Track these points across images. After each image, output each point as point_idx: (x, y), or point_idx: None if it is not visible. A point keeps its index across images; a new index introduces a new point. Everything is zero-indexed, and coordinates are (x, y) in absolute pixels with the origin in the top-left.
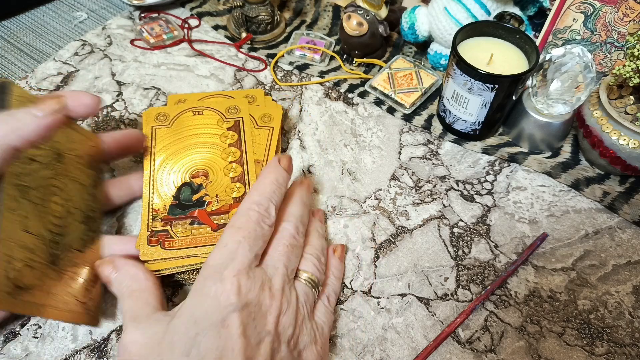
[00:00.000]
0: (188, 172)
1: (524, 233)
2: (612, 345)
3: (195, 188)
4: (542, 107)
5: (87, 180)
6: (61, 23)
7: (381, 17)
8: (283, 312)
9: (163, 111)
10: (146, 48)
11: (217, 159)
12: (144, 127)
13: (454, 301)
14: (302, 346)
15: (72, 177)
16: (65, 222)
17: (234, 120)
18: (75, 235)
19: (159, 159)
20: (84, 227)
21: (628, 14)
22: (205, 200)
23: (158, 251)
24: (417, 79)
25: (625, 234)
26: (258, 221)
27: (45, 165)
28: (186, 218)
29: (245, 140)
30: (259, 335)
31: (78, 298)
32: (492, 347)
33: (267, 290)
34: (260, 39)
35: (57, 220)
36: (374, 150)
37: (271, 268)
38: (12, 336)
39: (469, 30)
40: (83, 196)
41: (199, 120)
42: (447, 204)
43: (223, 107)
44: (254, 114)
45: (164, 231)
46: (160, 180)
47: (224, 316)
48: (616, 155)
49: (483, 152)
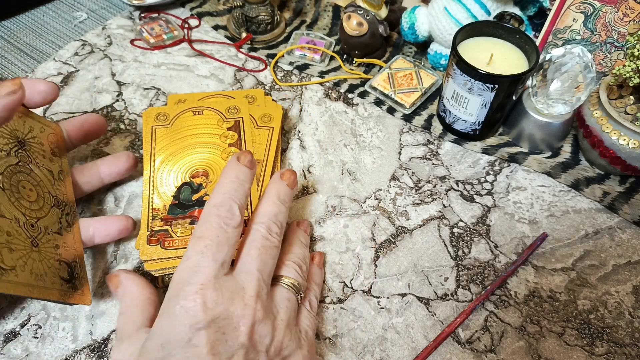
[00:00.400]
0: (188, 172)
1: (524, 233)
2: (612, 345)
3: (195, 188)
4: (542, 107)
5: (53, 166)
6: (61, 23)
7: (381, 17)
8: (258, 321)
9: (163, 111)
10: (146, 48)
11: (217, 158)
12: (144, 126)
13: (454, 301)
14: (287, 352)
15: (36, 164)
16: (38, 205)
17: (234, 120)
18: (51, 220)
19: (158, 159)
20: (58, 210)
21: (628, 14)
22: (205, 200)
23: (158, 251)
24: (417, 79)
25: (625, 234)
26: (220, 225)
27: (7, 152)
28: (186, 218)
29: (246, 140)
30: (230, 350)
31: (64, 277)
32: (492, 347)
33: (238, 299)
34: (260, 39)
35: (30, 205)
36: (374, 151)
37: (244, 274)
38: (12, 336)
39: (469, 30)
40: (51, 182)
41: (199, 120)
42: (447, 204)
43: (223, 107)
44: (254, 114)
45: (163, 231)
46: (160, 180)
47: (190, 336)
48: (616, 155)
49: (483, 152)
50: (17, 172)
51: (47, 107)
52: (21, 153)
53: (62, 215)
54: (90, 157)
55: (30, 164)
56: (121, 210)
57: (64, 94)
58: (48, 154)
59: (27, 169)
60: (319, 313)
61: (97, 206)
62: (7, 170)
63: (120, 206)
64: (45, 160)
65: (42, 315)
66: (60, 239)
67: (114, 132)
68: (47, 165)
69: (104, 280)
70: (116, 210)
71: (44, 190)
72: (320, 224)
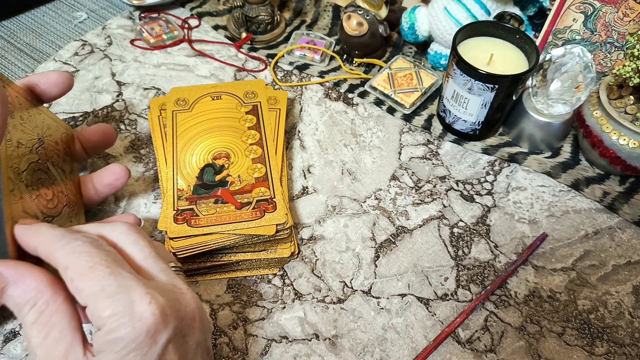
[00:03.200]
0: (210, 153)
1: (524, 233)
2: (612, 345)
3: (217, 169)
4: (542, 107)
5: (65, 166)
6: (61, 23)
7: (381, 17)
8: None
9: (182, 96)
10: (146, 48)
11: (238, 141)
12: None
13: (454, 301)
14: None
15: (52, 162)
16: (53, 204)
17: (252, 105)
18: (62, 219)
19: (181, 142)
20: (69, 210)
21: (628, 14)
22: (227, 181)
23: (184, 229)
24: (417, 79)
25: (625, 234)
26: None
27: (30, 149)
28: (210, 197)
29: (264, 123)
30: None
31: None
32: (492, 347)
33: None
34: (260, 39)
35: (47, 203)
36: (374, 150)
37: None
38: (12, 336)
39: (469, 30)
40: (64, 181)
41: (218, 104)
42: (447, 204)
43: (241, 91)
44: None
45: (189, 210)
46: (184, 161)
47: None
48: (616, 155)
49: (483, 152)
50: (37, 170)
51: (48, 106)
52: (40, 151)
53: (72, 215)
54: (90, 159)
55: (47, 162)
56: (121, 210)
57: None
58: (62, 154)
59: (45, 166)
60: (320, 313)
61: (97, 206)
62: (30, 167)
63: (120, 206)
64: (59, 159)
65: None
66: None
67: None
68: (60, 165)
69: None
70: (116, 210)
71: (58, 189)
72: (320, 223)
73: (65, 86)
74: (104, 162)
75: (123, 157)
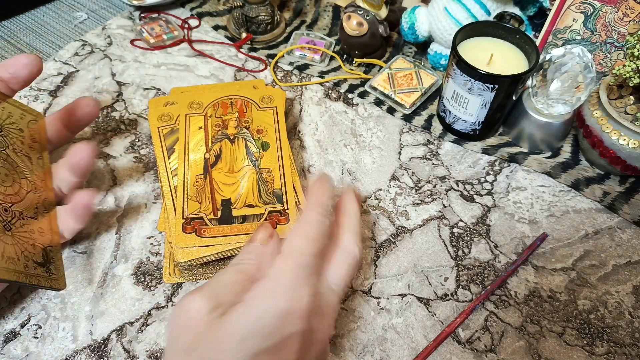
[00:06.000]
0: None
1: (524, 233)
2: (612, 345)
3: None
4: (542, 107)
5: (32, 152)
6: (61, 23)
7: (381, 17)
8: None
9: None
10: (146, 48)
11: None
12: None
13: (454, 301)
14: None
15: (14, 150)
16: (14, 190)
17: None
18: (26, 204)
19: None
20: (35, 195)
21: (628, 14)
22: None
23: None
24: (417, 79)
25: (625, 234)
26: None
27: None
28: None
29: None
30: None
31: (38, 261)
32: (492, 347)
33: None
34: (260, 39)
35: (5, 190)
36: (374, 151)
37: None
38: (12, 336)
39: (469, 30)
40: (29, 167)
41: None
42: (447, 204)
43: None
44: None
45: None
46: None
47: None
48: (616, 155)
49: (483, 152)
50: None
51: (48, 107)
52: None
53: (39, 201)
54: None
55: (7, 149)
56: (121, 210)
57: (64, 94)
58: (27, 140)
59: (4, 154)
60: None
61: (97, 206)
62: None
63: (120, 206)
64: (24, 146)
65: (42, 315)
66: (36, 224)
67: (114, 132)
68: (25, 152)
69: (104, 280)
70: (116, 211)
71: (21, 176)
72: None
73: (35, 67)
74: (103, 163)
75: (123, 157)
